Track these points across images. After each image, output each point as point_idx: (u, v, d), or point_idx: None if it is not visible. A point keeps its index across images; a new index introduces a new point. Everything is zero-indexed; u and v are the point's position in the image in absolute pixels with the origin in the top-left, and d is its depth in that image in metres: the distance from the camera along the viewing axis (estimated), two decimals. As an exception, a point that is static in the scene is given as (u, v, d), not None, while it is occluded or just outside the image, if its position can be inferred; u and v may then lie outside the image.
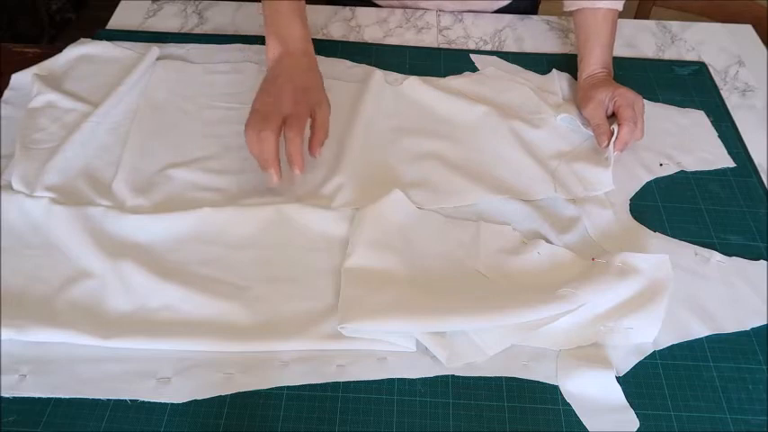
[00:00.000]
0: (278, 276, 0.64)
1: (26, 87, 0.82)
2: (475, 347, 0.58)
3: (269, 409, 0.55)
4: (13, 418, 0.54)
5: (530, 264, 0.65)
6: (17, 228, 0.67)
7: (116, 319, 0.60)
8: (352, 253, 0.64)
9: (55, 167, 0.72)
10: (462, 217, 0.70)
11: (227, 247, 0.66)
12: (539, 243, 0.67)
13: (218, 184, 0.72)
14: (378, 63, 0.89)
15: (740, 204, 0.73)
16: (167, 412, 0.54)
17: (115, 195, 0.71)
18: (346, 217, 0.68)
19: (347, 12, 0.99)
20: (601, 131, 0.77)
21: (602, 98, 0.79)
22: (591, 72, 0.83)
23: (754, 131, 0.83)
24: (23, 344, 0.58)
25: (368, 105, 0.81)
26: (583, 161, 0.76)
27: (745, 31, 1.00)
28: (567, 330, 0.59)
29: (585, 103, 0.80)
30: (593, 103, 0.79)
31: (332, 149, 0.77)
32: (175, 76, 0.85)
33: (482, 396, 0.56)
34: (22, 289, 0.62)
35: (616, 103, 0.78)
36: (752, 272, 0.67)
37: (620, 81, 0.82)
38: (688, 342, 0.61)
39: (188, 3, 1.00)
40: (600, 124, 0.78)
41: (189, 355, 0.58)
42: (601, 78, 0.82)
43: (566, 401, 0.56)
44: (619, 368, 0.58)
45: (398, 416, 0.55)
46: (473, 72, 0.89)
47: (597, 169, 0.74)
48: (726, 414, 0.56)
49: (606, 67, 0.83)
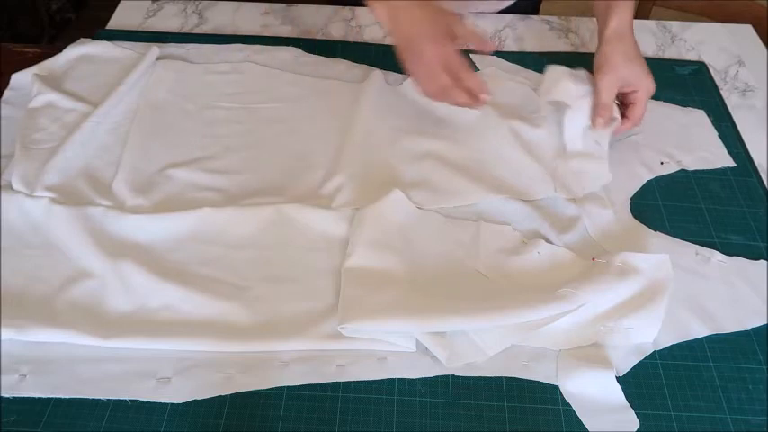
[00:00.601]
0: (278, 276, 0.64)
1: (26, 87, 0.82)
2: (475, 347, 0.58)
3: (269, 409, 0.55)
4: (13, 418, 0.54)
5: (530, 264, 0.65)
6: (17, 228, 0.67)
7: (116, 319, 0.60)
8: (352, 253, 0.64)
9: (55, 167, 0.72)
10: (462, 217, 0.70)
11: (227, 247, 0.66)
12: (539, 243, 0.67)
13: (218, 184, 0.72)
14: (378, 63, 0.89)
15: (740, 204, 0.73)
16: (167, 412, 0.54)
17: (115, 195, 0.71)
18: (346, 217, 0.68)
19: (347, 12, 0.99)
20: (602, 113, 0.74)
21: (624, 78, 0.74)
22: (616, 26, 0.76)
23: (754, 131, 0.83)
24: (23, 344, 0.58)
25: (368, 105, 0.81)
26: (579, 158, 0.76)
27: (745, 31, 1.00)
28: (567, 330, 0.59)
29: (605, 71, 0.74)
30: (611, 78, 0.74)
31: (332, 149, 0.77)
32: (175, 76, 0.85)
33: (482, 396, 0.56)
34: (22, 289, 0.62)
35: (634, 96, 0.75)
36: (752, 272, 0.67)
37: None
38: (688, 342, 0.61)
39: (188, 3, 1.00)
40: (606, 105, 0.74)
41: (189, 355, 0.58)
42: (628, 42, 0.76)
43: (566, 401, 0.56)
44: (619, 368, 0.58)
45: (398, 416, 0.55)
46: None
47: (593, 164, 0.74)
48: (726, 414, 0.56)
49: (630, 21, 0.77)
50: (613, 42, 0.76)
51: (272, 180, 0.73)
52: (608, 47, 0.76)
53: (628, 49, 0.76)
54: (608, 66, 0.74)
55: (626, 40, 0.76)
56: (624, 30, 0.76)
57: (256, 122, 0.80)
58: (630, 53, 0.76)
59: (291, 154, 0.77)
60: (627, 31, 0.76)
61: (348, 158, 0.75)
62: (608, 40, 0.76)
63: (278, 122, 0.81)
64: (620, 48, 0.75)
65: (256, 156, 0.76)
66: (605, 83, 0.74)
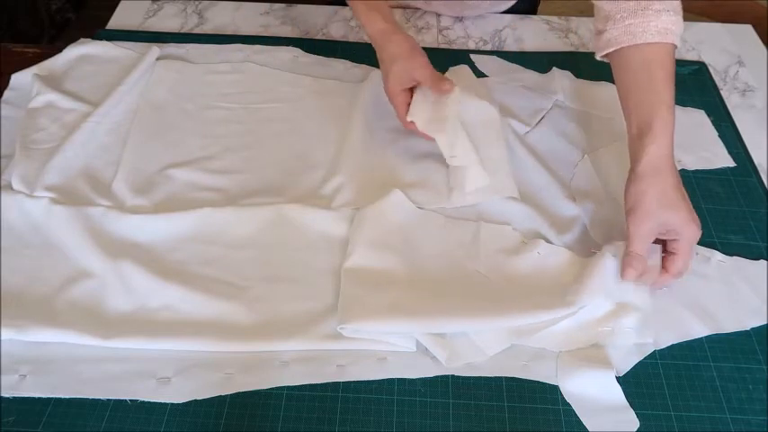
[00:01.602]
0: (278, 276, 0.64)
1: (26, 87, 0.82)
2: (474, 348, 0.58)
3: (269, 409, 0.55)
4: (13, 418, 0.54)
5: (530, 264, 0.65)
6: (17, 228, 0.67)
7: (116, 319, 0.60)
8: (352, 253, 0.64)
9: (55, 167, 0.72)
10: (462, 217, 0.70)
11: (227, 247, 0.66)
12: (538, 243, 0.67)
13: (218, 184, 0.72)
14: (378, 63, 0.89)
15: (740, 204, 0.73)
16: (167, 412, 0.54)
17: (115, 195, 0.71)
18: (346, 217, 0.68)
19: (347, 12, 0.99)
20: (633, 265, 0.59)
21: (663, 224, 0.60)
22: (652, 159, 0.62)
23: (754, 131, 0.83)
24: (23, 344, 0.58)
25: (368, 105, 0.81)
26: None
27: (745, 31, 1.00)
28: (567, 332, 0.59)
29: (639, 215, 0.60)
30: (649, 225, 0.60)
31: (332, 150, 0.77)
32: (175, 76, 0.85)
33: (482, 396, 0.56)
34: (22, 289, 0.62)
35: (674, 245, 0.61)
36: (752, 272, 0.66)
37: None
38: (688, 342, 0.61)
39: (188, 3, 1.00)
40: (638, 256, 0.60)
41: (189, 355, 0.58)
42: (666, 177, 0.61)
43: (566, 401, 0.56)
44: (619, 368, 0.58)
45: (398, 416, 0.55)
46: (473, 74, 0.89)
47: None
48: (726, 414, 0.56)
49: (670, 148, 0.62)
50: (648, 178, 0.61)
51: (271, 180, 0.73)
52: (642, 184, 0.61)
53: (667, 187, 0.61)
54: (641, 210, 0.60)
55: (664, 174, 0.61)
56: (663, 162, 0.62)
57: (256, 122, 0.80)
58: (670, 193, 0.61)
59: (291, 154, 0.77)
60: (666, 163, 0.62)
61: (348, 159, 0.75)
62: (641, 176, 0.62)
63: (278, 122, 0.81)
64: (657, 185, 0.61)
65: (256, 156, 0.76)
66: (639, 230, 0.60)
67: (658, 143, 0.62)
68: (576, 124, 0.82)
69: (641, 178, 0.62)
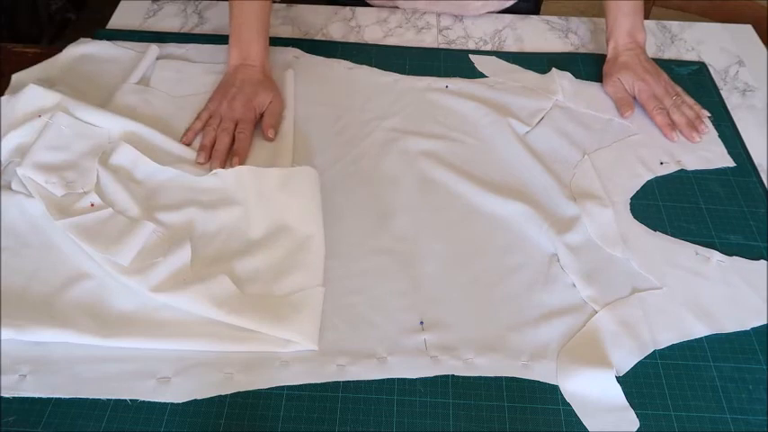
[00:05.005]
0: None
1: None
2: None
3: (269, 409, 0.55)
4: (13, 418, 0.54)
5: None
6: (17, 228, 0.66)
7: (116, 318, 0.60)
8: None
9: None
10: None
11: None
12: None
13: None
14: (378, 63, 0.89)
15: (740, 204, 0.73)
16: (167, 412, 0.54)
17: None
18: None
19: (347, 12, 0.99)
20: (622, 103, 0.82)
21: (624, 81, 0.84)
22: (616, 45, 0.86)
23: (754, 131, 0.83)
24: (23, 344, 0.58)
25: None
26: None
27: (745, 31, 1.00)
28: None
29: (606, 81, 0.86)
30: (612, 83, 0.84)
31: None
32: (175, 76, 0.85)
33: (482, 396, 0.56)
34: (22, 289, 0.62)
35: (639, 97, 0.83)
36: (752, 272, 0.67)
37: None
38: (688, 342, 0.61)
39: (188, 3, 1.00)
40: (622, 97, 0.83)
41: (189, 354, 0.58)
42: (628, 56, 0.85)
43: (566, 401, 0.56)
44: (619, 368, 0.58)
45: (398, 416, 0.55)
46: (473, 74, 0.89)
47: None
48: (726, 414, 0.56)
49: (632, 36, 0.85)
50: (610, 64, 0.86)
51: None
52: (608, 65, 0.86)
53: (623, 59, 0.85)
54: (607, 77, 0.85)
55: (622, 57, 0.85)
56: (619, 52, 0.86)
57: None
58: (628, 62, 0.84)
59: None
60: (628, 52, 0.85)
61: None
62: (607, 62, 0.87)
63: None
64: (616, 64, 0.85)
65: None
66: (609, 88, 0.85)
67: (615, 40, 0.86)
68: (575, 124, 0.82)
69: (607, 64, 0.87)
